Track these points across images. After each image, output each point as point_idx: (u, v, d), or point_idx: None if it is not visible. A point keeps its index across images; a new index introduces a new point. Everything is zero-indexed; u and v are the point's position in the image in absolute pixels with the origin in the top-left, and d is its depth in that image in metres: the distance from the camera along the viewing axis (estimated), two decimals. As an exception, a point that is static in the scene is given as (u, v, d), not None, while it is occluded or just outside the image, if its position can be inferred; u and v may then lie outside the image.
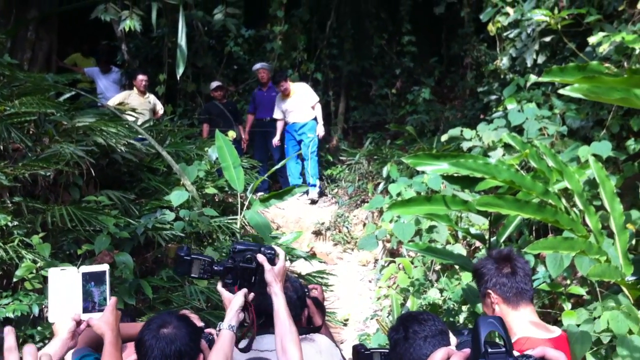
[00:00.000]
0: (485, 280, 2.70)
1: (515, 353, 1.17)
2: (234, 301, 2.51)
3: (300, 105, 9.29)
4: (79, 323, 2.30)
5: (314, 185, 9.44)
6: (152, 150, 6.20)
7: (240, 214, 5.66)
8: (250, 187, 5.90)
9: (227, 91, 10.88)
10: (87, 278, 2.35)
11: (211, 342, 2.52)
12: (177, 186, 5.84)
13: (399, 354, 2.44)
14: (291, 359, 2.36)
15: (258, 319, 2.59)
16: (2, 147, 4.88)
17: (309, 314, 3.12)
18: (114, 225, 4.79)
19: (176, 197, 5.43)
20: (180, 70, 7.58)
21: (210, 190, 6.22)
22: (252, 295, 2.57)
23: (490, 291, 2.68)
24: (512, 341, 1.29)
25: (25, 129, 5.16)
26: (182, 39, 7.52)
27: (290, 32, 11.43)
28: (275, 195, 5.79)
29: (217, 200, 6.65)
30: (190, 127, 9.49)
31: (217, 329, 2.47)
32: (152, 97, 9.22)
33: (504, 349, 1.15)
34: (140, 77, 8.99)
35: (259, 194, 7.92)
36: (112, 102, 8.65)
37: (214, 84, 9.92)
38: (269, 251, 2.61)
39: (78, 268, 2.37)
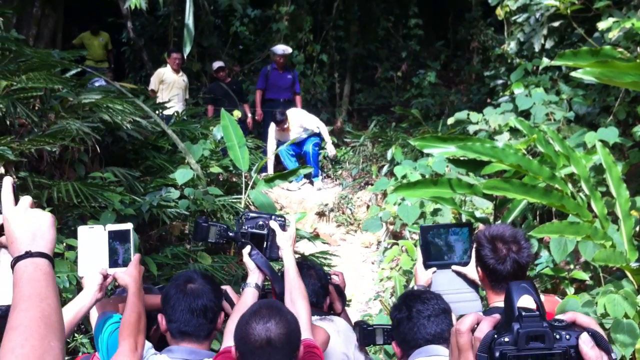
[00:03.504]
0: (478, 256, 2.60)
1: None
2: (247, 264, 2.75)
3: (298, 133, 9.12)
4: (105, 277, 2.43)
5: (316, 175, 9.39)
6: (157, 129, 6.19)
7: (245, 193, 5.67)
8: (255, 167, 5.91)
9: (231, 71, 10.84)
10: (113, 236, 2.48)
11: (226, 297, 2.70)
12: (182, 165, 5.85)
13: (402, 333, 2.47)
14: (299, 308, 2.54)
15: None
16: (8, 123, 4.87)
17: (331, 301, 3.18)
18: (119, 202, 4.80)
19: (181, 175, 5.43)
20: (187, 50, 7.54)
21: (215, 169, 6.21)
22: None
23: (479, 269, 2.63)
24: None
25: (31, 105, 5.13)
26: (189, 18, 7.47)
27: (296, 13, 11.37)
28: (279, 175, 5.80)
29: (221, 179, 6.65)
30: (195, 106, 9.49)
31: (241, 288, 2.71)
32: (184, 76, 9.32)
33: (537, 313, 1.16)
34: (175, 55, 8.99)
35: (263, 174, 7.93)
36: (152, 80, 9.01)
37: (216, 65, 9.88)
38: (279, 219, 2.85)
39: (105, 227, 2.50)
